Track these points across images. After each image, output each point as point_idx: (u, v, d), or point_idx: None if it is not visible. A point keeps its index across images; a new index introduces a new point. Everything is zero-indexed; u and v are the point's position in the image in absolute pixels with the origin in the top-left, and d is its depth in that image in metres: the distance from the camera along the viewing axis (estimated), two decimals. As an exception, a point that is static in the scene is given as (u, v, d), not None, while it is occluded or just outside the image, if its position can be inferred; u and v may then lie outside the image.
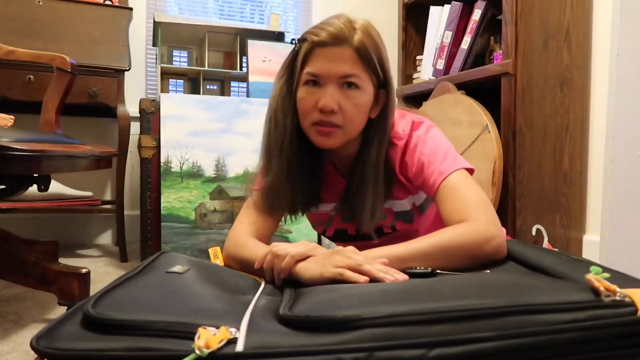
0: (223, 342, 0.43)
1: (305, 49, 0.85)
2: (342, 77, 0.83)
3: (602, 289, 0.47)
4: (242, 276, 0.75)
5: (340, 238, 1.02)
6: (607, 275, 0.50)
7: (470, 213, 0.77)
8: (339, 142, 0.87)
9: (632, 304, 0.46)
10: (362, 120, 0.88)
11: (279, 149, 0.90)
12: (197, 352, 0.41)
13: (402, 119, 0.93)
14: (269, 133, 0.93)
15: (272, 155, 0.91)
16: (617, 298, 0.47)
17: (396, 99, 0.93)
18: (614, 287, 0.47)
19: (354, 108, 0.85)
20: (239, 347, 0.43)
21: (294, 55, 0.89)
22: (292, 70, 0.89)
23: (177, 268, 0.67)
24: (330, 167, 0.98)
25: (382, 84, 0.88)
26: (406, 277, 0.66)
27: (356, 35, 0.83)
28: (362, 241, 0.96)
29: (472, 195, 0.81)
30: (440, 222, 0.86)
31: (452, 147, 0.90)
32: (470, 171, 0.87)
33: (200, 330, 0.44)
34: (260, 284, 0.71)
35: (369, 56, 0.84)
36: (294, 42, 0.90)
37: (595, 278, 0.49)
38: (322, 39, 0.83)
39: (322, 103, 0.82)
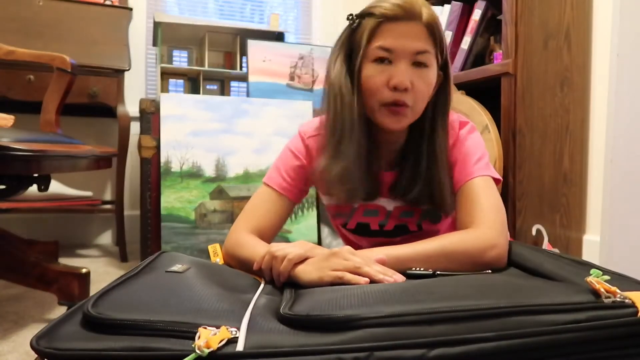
0: (223, 342, 0.43)
1: (373, 24, 0.80)
2: (416, 54, 0.80)
3: (602, 290, 0.47)
4: (242, 275, 0.75)
5: (362, 232, 0.97)
6: (607, 277, 0.50)
7: (479, 218, 0.77)
8: (408, 123, 0.84)
9: (633, 305, 0.46)
10: (427, 100, 0.84)
11: (350, 131, 0.83)
12: (198, 351, 0.41)
13: (451, 116, 0.91)
14: (335, 115, 0.85)
15: (342, 138, 0.83)
16: (618, 299, 0.47)
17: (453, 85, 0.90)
18: (614, 289, 0.48)
19: (425, 86, 0.82)
20: (239, 346, 0.43)
21: (351, 31, 0.84)
22: (350, 48, 0.84)
23: (177, 267, 0.67)
24: (382, 164, 0.93)
25: (443, 64, 0.86)
26: (403, 278, 0.65)
27: (424, 10, 0.80)
28: (385, 238, 0.95)
29: (486, 201, 0.80)
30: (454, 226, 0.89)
31: (487, 154, 0.89)
32: (497, 181, 0.86)
33: (201, 330, 0.44)
34: (260, 283, 0.71)
35: (437, 33, 0.81)
36: (351, 18, 0.85)
37: (596, 280, 0.49)
38: (393, 12, 0.79)
39: (397, 80, 0.78)
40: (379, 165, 0.91)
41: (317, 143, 0.92)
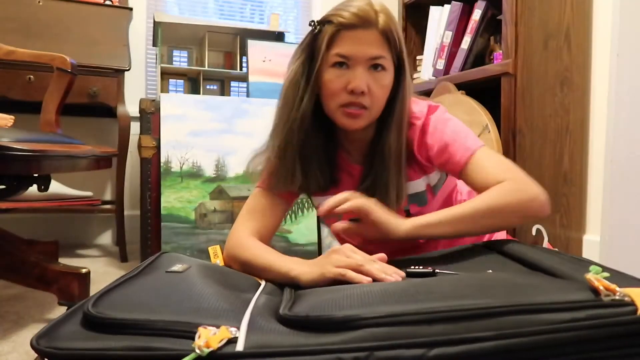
0: (223, 342, 0.43)
1: (331, 31, 0.85)
2: (371, 59, 0.85)
3: (601, 288, 0.47)
4: (242, 275, 0.75)
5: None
6: (606, 274, 0.50)
7: (507, 175, 0.82)
8: (365, 124, 0.89)
9: (632, 303, 0.46)
10: (384, 101, 0.89)
11: (295, 129, 0.89)
12: (198, 351, 0.41)
13: (416, 104, 0.95)
14: (281, 114, 0.92)
15: (286, 136, 0.90)
16: (617, 297, 0.47)
17: (412, 82, 0.95)
18: (613, 286, 0.47)
19: (380, 89, 0.87)
20: (239, 346, 0.43)
21: (313, 37, 0.89)
22: (312, 52, 0.89)
23: (177, 267, 0.67)
24: (343, 154, 0.98)
25: (399, 65, 0.90)
26: (404, 274, 0.65)
27: (380, 17, 0.85)
28: None
29: (504, 161, 0.86)
30: (448, 205, 0.92)
31: (470, 130, 0.93)
32: None
33: (201, 330, 0.44)
34: (260, 284, 0.71)
35: (392, 38, 0.86)
36: (312, 24, 0.90)
37: (595, 277, 0.49)
38: (350, 21, 0.84)
39: (354, 85, 0.84)
40: (348, 160, 0.98)
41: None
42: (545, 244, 1.59)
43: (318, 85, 0.88)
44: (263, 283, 0.71)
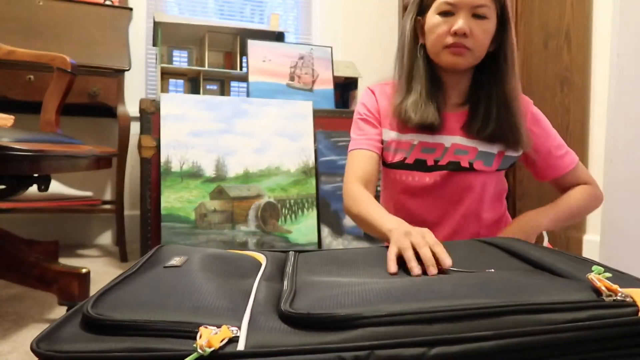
0: (224, 341, 0.43)
1: None
2: (474, 7, 0.96)
3: (603, 288, 0.47)
4: (242, 256, 0.74)
5: (418, 167, 1.08)
6: (608, 274, 0.50)
7: (591, 180, 1.13)
8: (468, 64, 1.00)
9: (634, 304, 0.46)
10: (487, 47, 1.00)
11: (416, 72, 1.03)
12: (200, 351, 0.41)
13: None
14: (406, 61, 1.05)
15: (412, 77, 1.04)
16: (619, 298, 0.47)
17: (515, 41, 1.05)
18: (615, 286, 0.47)
19: (482, 33, 0.97)
20: (240, 346, 0.43)
21: None
22: (421, 5, 1.03)
23: (175, 261, 0.66)
24: (445, 98, 1.08)
25: (503, 19, 1.00)
26: (450, 263, 0.66)
27: None
28: (438, 171, 1.06)
29: (588, 173, 1.14)
30: (497, 199, 1.11)
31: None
32: None
33: (202, 330, 0.44)
34: (260, 265, 0.70)
35: None
36: None
37: (597, 278, 0.49)
38: None
39: (458, 26, 0.95)
40: (444, 105, 1.06)
41: (382, 89, 1.12)
42: (545, 243, 1.59)
43: (424, 36, 1.03)
44: (263, 263, 0.71)
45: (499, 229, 1.12)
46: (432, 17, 1.00)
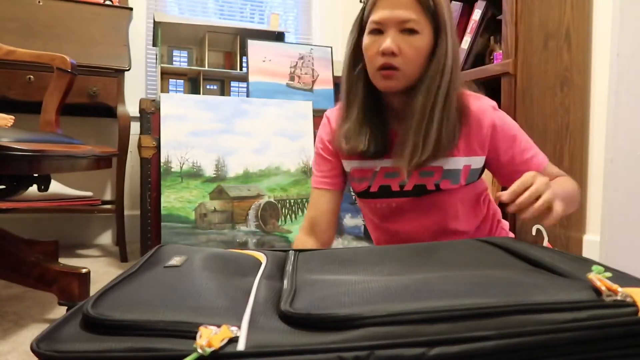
0: (224, 341, 0.43)
1: (370, 2, 0.94)
2: (402, 23, 0.90)
3: (603, 288, 0.47)
4: (242, 255, 0.74)
5: (384, 194, 1.04)
6: (609, 274, 0.50)
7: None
8: (400, 85, 0.93)
9: (634, 303, 0.46)
10: (421, 63, 0.93)
11: (354, 96, 0.99)
12: (200, 351, 0.41)
13: (477, 98, 1.02)
14: (345, 84, 1.01)
15: (349, 103, 1.00)
16: (619, 298, 0.47)
17: (457, 46, 0.98)
18: (615, 286, 0.47)
19: (413, 51, 0.91)
20: (240, 346, 0.43)
21: (362, 12, 0.98)
22: (360, 25, 0.98)
23: (175, 260, 0.66)
24: (393, 121, 1.02)
25: (439, 28, 0.93)
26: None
27: None
28: (405, 197, 1.02)
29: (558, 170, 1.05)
30: (474, 204, 1.05)
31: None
32: None
33: (202, 329, 0.44)
34: (260, 263, 0.70)
35: (425, 1, 0.90)
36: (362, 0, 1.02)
37: (597, 277, 0.49)
38: None
39: (384, 46, 0.90)
40: (396, 130, 1.00)
41: (337, 114, 1.06)
42: (546, 243, 1.59)
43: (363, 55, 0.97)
44: (263, 262, 0.71)
45: (486, 228, 1.10)
46: (365, 38, 0.95)
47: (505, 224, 1.18)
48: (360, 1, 0.97)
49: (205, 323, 0.45)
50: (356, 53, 0.99)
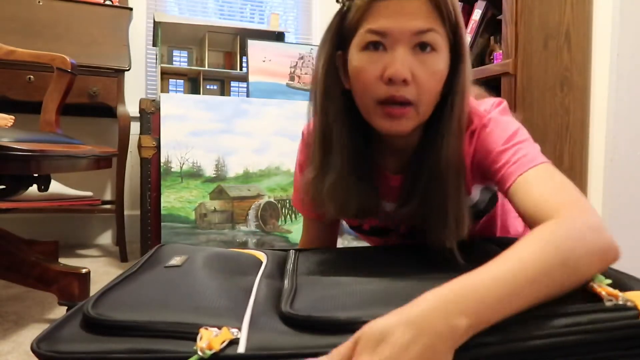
0: (225, 343, 0.43)
1: (362, 4, 0.65)
2: (416, 35, 0.63)
3: (603, 293, 0.48)
4: (243, 255, 0.74)
5: (377, 234, 0.86)
6: (609, 281, 0.50)
7: (557, 206, 0.57)
8: (412, 126, 0.66)
9: (634, 307, 0.46)
10: (437, 95, 0.67)
11: (335, 140, 0.70)
12: (200, 353, 0.41)
13: (480, 103, 0.75)
14: (321, 120, 0.71)
15: (330, 147, 0.70)
16: (620, 302, 0.47)
17: (471, 69, 0.71)
18: (615, 291, 0.48)
19: (431, 77, 0.64)
20: (241, 348, 0.43)
21: (341, 17, 0.69)
22: (341, 36, 0.69)
23: (175, 260, 0.66)
24: (378, 161, 0.78)
25: (458, 44, 0.68)
26: None
27: None
28: (398, 239, 0.84)
29: (554, 185, 0.61)
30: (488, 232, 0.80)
31: (527, 138, 0.70)
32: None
33: (202, 331, 0.44)
34: (261, 262, 0.70)
35: (445, 7, 0.64)
36: (340, 1, 0.69)
37: (597, 284, 0.49)
38: None
39: (392, 70, 0.61)
40: (384, 169, 0.77)
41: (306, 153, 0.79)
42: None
43: (348, 79, 0.68)
44: (264, 261, 0.71)
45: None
46: (355, 55, 0.66)
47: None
48: (338, 2, 0.69)
49: (205, 324, 0.45)
50: (332, 77, 0.70)
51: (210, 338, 0.42)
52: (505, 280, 0.45)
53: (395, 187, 0.76)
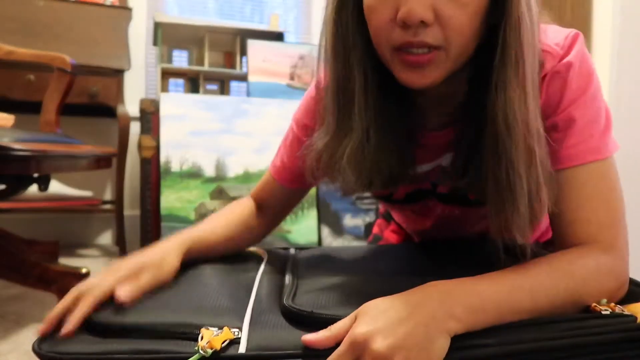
0: (226, 342, 0.43)
1: None
2: None
3: (599, 307, 0.48)
4: (244, 252, 0.75)
5: (412, 199, 0.71)
6: (604, 300, 0.50)
7: (593, 235, 0.53)
8: (442, 75, 0.52)
9: (631, 315, 0.47)
10: (475, 33, 0.51)
11: (362, 93, 0.56)
12: (201, 352, 0.42)
13: (548, 33, 0.56)
14: (336, 75, 0.58)
15: (349, 105, 0.57)
16: (617, 311, 0.48)
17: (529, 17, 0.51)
18: (612, 304, 0.49)
19: (461, 10, 0.49)
20: (242, 348, 0.43)
21: None
22: None
23: None
24: (413, 116, 0.62)
25: None
26: None
27: None
28: (441, 202, 0.70)
29: (604, 205, 0.55)
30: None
31: (603, 107, 0.58)
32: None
33: (203, 331, 0.44)
34: (262, 259, 0.70)
35: None
36: None
37: (594, 305, 0.50)
38: None
39: (405, 10, 0.48)
40: (420, 124, 0.62)
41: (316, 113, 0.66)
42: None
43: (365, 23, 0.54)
44: (265, 258, 0.71)
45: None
46: None
47: None
48: None
49: (206, 324, 0.45)
50: (345, 13, 0.56)
51: (211, 337, 0.43)
52: (510, 300, 0.47)
53: (436, 145, 0.63)
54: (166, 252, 0.62)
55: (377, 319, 0.42)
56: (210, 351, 0.42)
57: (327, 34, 0.58)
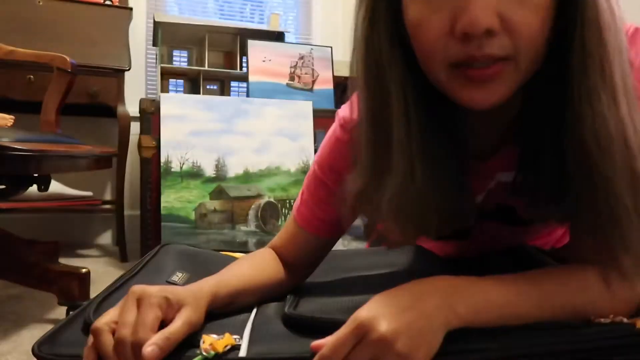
0: (227, 347, 0.43)
1: None
2: None
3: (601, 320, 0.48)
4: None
5: (457, 237, 0.65)
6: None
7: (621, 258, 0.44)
8: (511, 89, 0.45)
9: (630, 323, 0.47)
10: (547, 38, 0.43)
11: (405, 126, 0.47)
12: (204, 353, 0.42)
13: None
14: (367, 102, 0.50)
15: (387, 140, 0.48)
16: (616, 320, 0.47)
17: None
18: (610, 316, 0.49)
19: (533, 13, 0.41)
20: (242, 353, 0.43)
21: None
22: None
23: (176, 277, 0.65)
24: (462, 137, 0.54)
25: None
26: None
27: None
28: (484, 219, 0.62)
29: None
30: None
31: None
32: None
33: (205, 337, 0.44)
34: None
35: None
36: None
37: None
38: None
39: (466, 20, 0.40)
40: (471, 154, 0.54)
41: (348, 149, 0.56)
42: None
43: (411, 38, 0.46)
44: None
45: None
46: (409, 2, 0.45)
47: None
48: None
49: (207, 332, 0.45)
50: (379, 32, 0.48)
51: (213, 341, 0.43)
52: (514, 305, 0.46)
53: (488, 169, 0.56)
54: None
55: (383, 304, 0.43)
56: (213, 353, 0.42)
57: (357, 59, 0.50)
